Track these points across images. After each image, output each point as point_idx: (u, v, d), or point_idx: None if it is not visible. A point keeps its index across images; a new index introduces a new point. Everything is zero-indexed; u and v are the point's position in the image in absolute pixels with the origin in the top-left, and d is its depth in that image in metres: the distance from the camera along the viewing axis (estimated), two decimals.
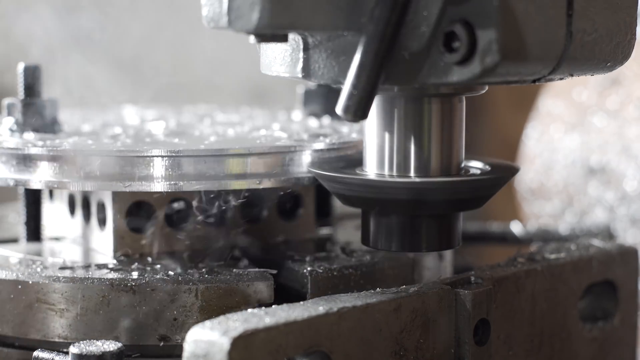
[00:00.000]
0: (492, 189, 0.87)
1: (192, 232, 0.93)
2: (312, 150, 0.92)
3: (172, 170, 0.89)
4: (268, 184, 0.91)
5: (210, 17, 0.78)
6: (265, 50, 0.88)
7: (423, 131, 0.86)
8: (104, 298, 0.85)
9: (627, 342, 1.00)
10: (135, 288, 0.85)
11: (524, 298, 0.90)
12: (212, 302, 0.85)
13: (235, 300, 0.85)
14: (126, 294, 0.85)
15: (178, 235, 0.93)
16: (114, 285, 0.85)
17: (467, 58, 0.77)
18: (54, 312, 0.86)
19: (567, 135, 1.41)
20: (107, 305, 0.85)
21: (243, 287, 0.86)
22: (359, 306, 0.79)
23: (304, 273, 0.88)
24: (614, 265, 0.97)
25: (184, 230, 0.94)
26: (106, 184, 0.89)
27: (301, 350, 0.76)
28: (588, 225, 1.19)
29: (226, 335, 0.73)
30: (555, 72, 0.81)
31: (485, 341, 0.86)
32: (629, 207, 1.33)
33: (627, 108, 1.37)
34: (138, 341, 0.85)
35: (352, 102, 0.78)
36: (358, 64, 0.78)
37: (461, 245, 0.90)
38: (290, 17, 0.77)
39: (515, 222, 1.21)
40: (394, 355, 0.81)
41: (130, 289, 0.85)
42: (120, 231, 0.92)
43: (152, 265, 0.89)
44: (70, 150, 0.90)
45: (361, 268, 0.90)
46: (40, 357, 0.85)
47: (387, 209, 0.86)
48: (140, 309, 0.85)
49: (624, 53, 0.85)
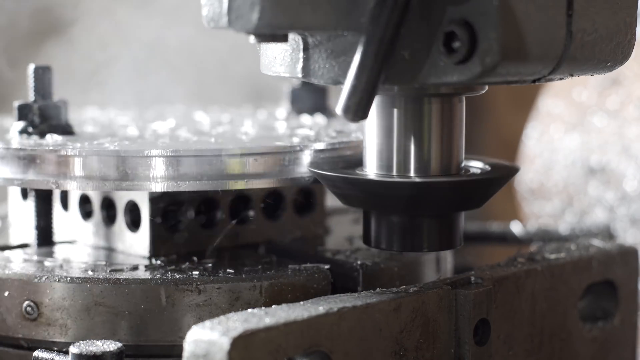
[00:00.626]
0: (492, 189, 0.87)
1: (220, 230, 0.94)
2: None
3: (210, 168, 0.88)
4: (288, 182, 0.91)
5: (210, 17, 0.78)
6: (265, 50, 0.88)
7: (423, 131, 0.86)
8: (168, 298, 0.84)
9: (627, 342, 1.00)
10: (201, 287, 0.84)
11: (524, 298, 0.90)
12: (275, 298, 0.85)
13: (296, 296, 0.86)
14: (191, 293, 0.84)
15: (207, 234, 0.93)
16: (179, 285, 0.84)
17: (467, 58, 0.77)
18: (114, 314, 0.85)
19: (567, 135, 1.41)
20: (172, 306, 0.84)
21: (304, 282, 0.86)
22: (359, 306, 0.79)
23: (355, 266, 0.89)
24: (614, 265, 0.97)
25: (213, 229, 0.94)
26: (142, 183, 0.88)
27: (301, 350, 0.76)
28: (588, 225, 1.19)
29: (226, 335, 0.73)
30: (555, 72, 0.81)
31: (485, 341, 0.86)
32: (629, 207, 1.33)
33: (627, 108, 1.37)
34: None
35: (352, 102, 0.78)
36: (358, 64, 0.78)
37: (461, 245, 0.90)
38: (290, 17, 0.77)
39: (515, 222, 1.21)
40: (394, 355, 0.81)
41: (195, 289, 0.84)
42: (157, 232, 0.91)
43: (201, 264, 0.89)
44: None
45: (402, 261, 0.92)
46: (40, 357, 0.85)
47: (387, 209, 0.86)
48: (205, 308, 0.84)
49: (624, 53, 0.85)
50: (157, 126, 1.06)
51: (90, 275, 0.86)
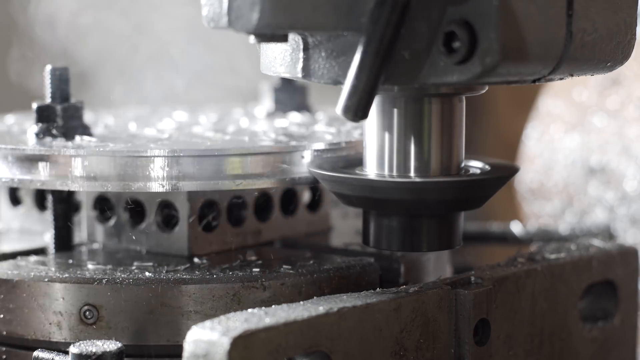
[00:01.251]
0: (492, 189, 0.87)
1: (247, 229, 0.95)
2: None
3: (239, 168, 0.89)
4: (305, 181, 0.92)
5: (210, 17, 0.78)
6: (265, 50, 0.88)
7: (423, 131, 0.86)
8: (234, 296, 0.85)
9: (627, 342, 1.00)
10: (266, 284, 0.85)
11: (524, 298, 0.90)
12: (332, 292, 0.85)
13: (350, 288, 0.87)
14: (257, 290, 0.85)
15: (235, 232, 0.94)
16: (244, 283, 0.85)
17: (467, 58, 0.77)
18: (180, 314, 0.85)
19: (567, 135, 1.41)
20: (238, 303, 0.84)
21: (357, 275, 0.88)
22: (359, 306, 0.79)
23: (397, 258, 0.90)
24: (614, 265, 0.97)
25: (240, 227, 0.95)
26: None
27: (301, 350, 0.76)
28: (588, 225, 1.19)
29: (226, 335, 0.73)
30: (555, 72, 0.81)
31: (485, 341, 0.86)
32: (629, 207, 1.33)
33: (627, 108, 1.37)
34: None
35: (352, 102, 0.78)
36: (358, 64, 0.78)
37: (461, 245, 0.90)
38: (290, 17, 0.77)
39: (515, 222, 1.21)
40: (394, 355, 0.81)
41: (261, 285, 0.85)
42: (195, 231, 0.92)
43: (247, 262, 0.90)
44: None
45: (436, 253, 0.95)
46: (40, 357, 0.84)
47: (387, 209, 0.86)
48: (270, 304, 0.83)
49: (624, 53, 0.85)
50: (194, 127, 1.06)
51: (153, 277, 0.85)
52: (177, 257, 0.91)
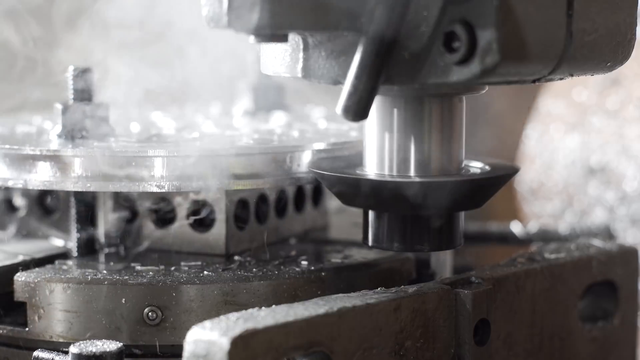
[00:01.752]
0: (492, 189, 0.87)
1: (270, 226, 0.96)
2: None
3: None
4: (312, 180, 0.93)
5: (210, 17, 0.78)
6: (265, 50, 0.88)
7: (423, 131, 0.86)
8: (295, 292, 0.85)
9: (627, 342, 1.00)
10: (324, 278, 0.86)
11: (524, 298, 0.90)
12: (378, 285, 0.85)
13: (394, 280, 0.89)
14: (315, 284, 0.86)
15: (261, 230, 0.95)
16: (304, 278, 0.86)
17: (467, 58, 0.77)
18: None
19: (567, 135, 1.41)
20: (296, 299, 0.84)
21: (398, 267, 0.90)
22: (359, 306, 0.79)
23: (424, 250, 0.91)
24: (614, 265, 0.97)
25: (265, 223, 0.96)
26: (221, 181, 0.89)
27: (301, 350, 0.76)
28: (588, 225, 1.19)
29: (226, 335, 0.73)
30: (555, 72, 0.81)
31: (485, 341, 0.86)
32: (629, 207, 1.33)
33: (627, 108, 1.37)
34: None
35: (352, 102, 0.78)
36: (358, 64, 0.78)
37: (462, 245, 0.90)
38: (290, 17, 0.77)
39: (515, 222, 1.21)
40: (393, 355, 0.81)
41: (319, 279, 0.86)
42: (231, 230, 0.92)
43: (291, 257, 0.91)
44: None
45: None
46: (40, 357, 0.84)
47: (387, 209, 0.86)
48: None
49: (624, 53, 0.85)
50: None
51: (216, 276, 0.86)
52: (214, 255, 0.92)
